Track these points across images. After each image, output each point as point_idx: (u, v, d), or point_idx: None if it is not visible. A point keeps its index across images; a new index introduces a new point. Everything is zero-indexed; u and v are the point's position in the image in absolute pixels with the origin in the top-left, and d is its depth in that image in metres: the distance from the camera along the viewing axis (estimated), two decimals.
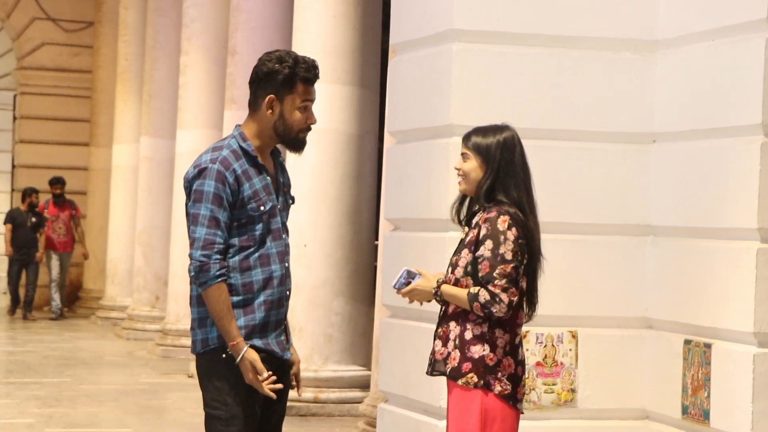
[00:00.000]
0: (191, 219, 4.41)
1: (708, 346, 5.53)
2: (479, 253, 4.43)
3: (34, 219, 18.01)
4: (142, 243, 15.10)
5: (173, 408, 10.20)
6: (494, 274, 4.39)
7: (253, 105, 4.51)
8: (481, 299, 4.40)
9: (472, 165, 4.55)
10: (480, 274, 4.42)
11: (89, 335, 15.74)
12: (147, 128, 15.05)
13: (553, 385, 5.87)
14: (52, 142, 19.46)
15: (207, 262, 4.37)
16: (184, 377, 11.80)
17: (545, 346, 5.86)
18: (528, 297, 4.55)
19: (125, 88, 16.69)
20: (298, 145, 4.53)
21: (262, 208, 4.45)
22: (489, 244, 4.42)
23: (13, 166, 20.72)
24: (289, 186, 4.64)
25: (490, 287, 4.39)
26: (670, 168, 5.87)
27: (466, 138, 4.60)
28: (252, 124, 4.52)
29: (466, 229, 4.61)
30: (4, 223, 18.26)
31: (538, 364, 5.85)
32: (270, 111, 4.47)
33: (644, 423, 5.94)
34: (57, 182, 17.98)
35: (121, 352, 13.98)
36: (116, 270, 16.97)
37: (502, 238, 4.40)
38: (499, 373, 4.45)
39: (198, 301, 4.49)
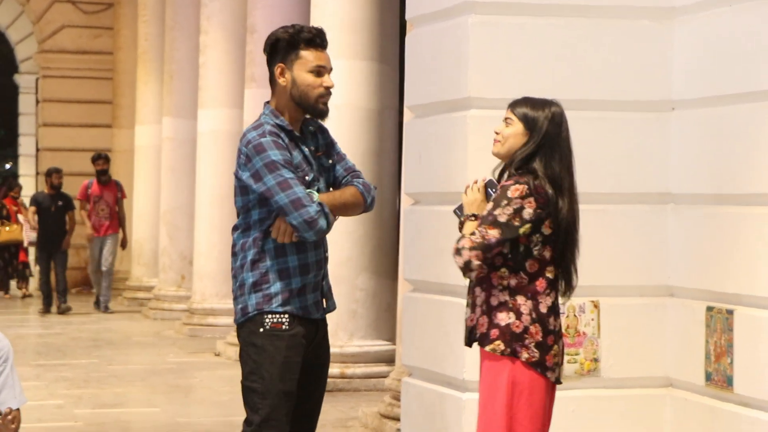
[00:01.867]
0: (278, 187, 4.41)
1: (730, 312, 5.52)
2: (484, 213, 4.48)
3: (60, 202, 16.13)
4: (167, 223, 15.17)
5: (200, 387, 10.26)
6: (477, 230, 4.42)
7: (271, 80, 4.58)
8: (456, 245, 4.46)
9: (515, 130, 4.54)
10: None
11: (116, 316, 15.84)
12: (169, 108, 15.10)
13: (576, 355, 5.88)
14: (75, 124, 19.54)
15: (321, 213, 4.41)
16: (211, 356, 11.86)
17: (567, 317, 5.86)
18: (563, 274, 4.55)
19: (146, 69, 16.74)
20: (318, 111, 4.57)
21: (306, 178, 4.51)
22: (490, 205, 4.46)
23: (37, 150, 20.83)
24: (323, 147, 4.65)
25: (463, 240, 4.42)
26: (689, 135, 5.85)
27: (513, 105, 4.60)
28: (275, 100, 4.58)
29: None
30: (30, 206, 16.83)
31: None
32: (283, 79, 4.52)
33: (668, 390, 5.95)
34: (99, 158, 16.11)
35: (148, 333, 14.07)
36: (142, 250, 17.07)
37: (504, 201, 4.42)
38: (527, 341, 4.45)
39: (236, 272, 4.54)
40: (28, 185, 21.86)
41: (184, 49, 14.70)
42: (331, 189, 4.62)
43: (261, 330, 4.48)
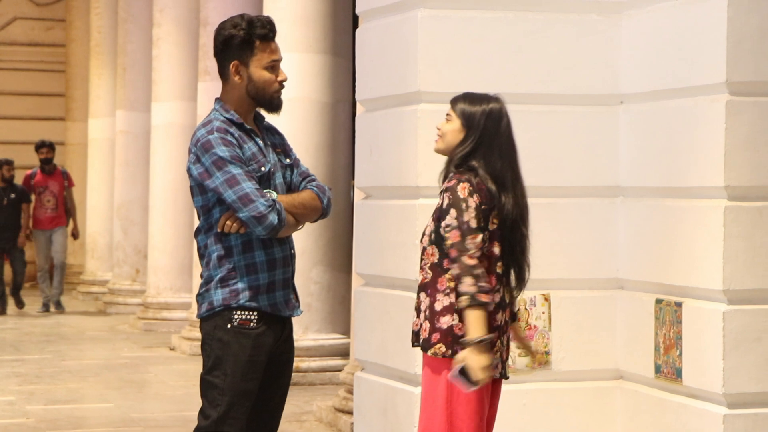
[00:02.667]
0: (226, 184, 4.39)
1: (679, 304, 5.56)
2: (446, 222, 4.42)
3: (12, 195, 15.13)
4: (121, 217, 15.09)
5: (155, 381, 10.22)
6: (466, 244, 4.38)
7: (223, 75, 4.56)
8: (467, 289, 4.34)
9: (452, 127, 4.53)
10: (449, 242, 4.40)
11: (70, 310, 15.73)
12: (122, 101, 15.02)
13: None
14: (27, 117, 19.40)
15: (271, 208, 4.38)
16: (166, 350, 11.82)
17: (518, 310, 5.87)
18: (514, 269, 4.55)
19: (99, 61, 16.64)
20: (274, 106, 4.58)
21: (263, 168, 4.50)
22: (453, 212, 4.41)
23: None
24: (281, 146, 4.66)
25: (462, 265, 4.35)
26: (637, 129, 5.89)
27: (454, 101, 4.59)
28: (227, 94, 4.56)
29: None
30: None
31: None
32: (238, 77, 4.50)
33: (618, 383, 5.98)
34: (43, 145, 15.24)
35: (102, 327, 14.00)
36: (96, 244, 16.97)
37: (464, 205, 4.40)
38: None
39: (203, 271, 4.52)
40: None
41: (138, 42, 14.62)
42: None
43: (228, 326, 4.46)
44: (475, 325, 4.36)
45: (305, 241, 9.63)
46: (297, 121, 9.63)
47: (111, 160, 15.88)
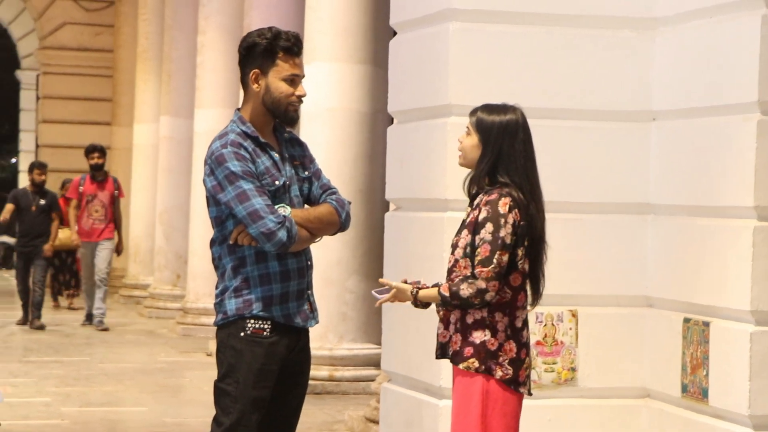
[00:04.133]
0: (236, 200, 4.40)
1: (707, 324, 5.52)
2: (480, 236, 4.39)
3: (42, 201, 14.12)
4: (163, 222, 15.19)
5: (190, 387, 10.27)
6: (493, 259, 4.36)
7: (243, 83, 4.57)
8: (464, 294, 4.37)
9: (471, 142, 4.51)
10: (478, 258, 4.38)
11: (112, 313, 15.82)
12: (166, 107, 15.13)
13: (554, 364, 5.88)
14: (74, 121, 19.57)
15: (281, 225, 4.38)
16: (203, 356, 11.87)
17: (545, 325, 5.87)
18: (532, 283, 4.54)
19: (145, 67, 16.77)
20: (288, 119, 4.56)
21: (276, 182, 4.49)
22: (489, 227, 4.38)
23: (37, 146, 20.86)
24: (300, 158, 4.65)
25: (470, 281, 4.36)
26: (669, 146, 5.85)
27: (472, 113, 4.57)
28: (247, 105, 4.58)
29: (469, 209, 4.59)
30: (8, 203, 14.36)
31: (538, 343, 5.85)
32: (256, 85, 4.51)
33: (644, 401, 5.95)
34: (94, 150, 13.88)
35: (142, 331, 14.09)
36: (138, 248, 17.09)
37: (502, 221, 4.37)
38: (501, 358, 4.43)
39: (218, 281, 4.54)
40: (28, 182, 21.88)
41: (183, 49, 14.72)
42: (306, 206, 4.61)
43: (241, 334, 4.48)
44: (429, 297, 4.46)
45: (342, 251, 9.65)
46: (336, 131, 9.65)
47: (154, 165, 15.98)
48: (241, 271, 4.49)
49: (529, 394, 4.58)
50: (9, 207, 14.16)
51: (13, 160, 31.43)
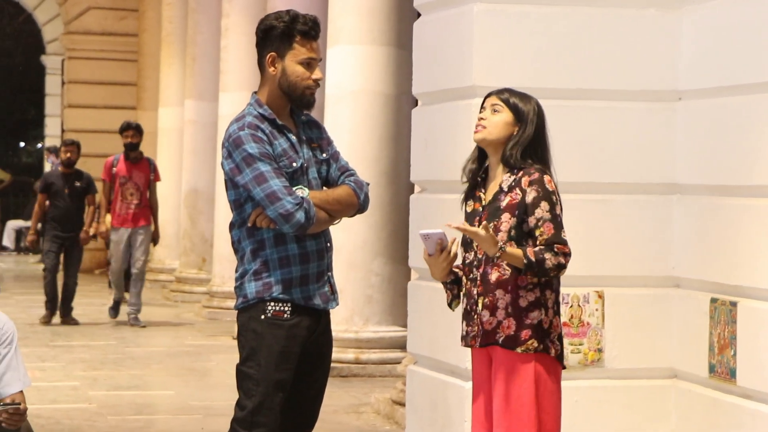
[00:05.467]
0: (254, 181, 4.40)
1: (734, 304, 5.49)
2: (537, 215, 4.36)
3: (76, 183, 12.84)
4: (188, 206, 15.22)
5: (216, 370, 10.31)
6: (561, 236, 4.36)
7: (261, 66, 4.58)
8: (548, 264, 4.33)
9: (504, 118, 4.48)
10: (544, 236, 4.34)
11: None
12: (191, 91, 15.15)
13: (580, 345, 5.87)
14: (99, 106, 19.61)
15: (299, 206, 4.38)
16: (229, 339, 11.89)
17: (571, 307, 5.85)
18: None
19: (169, 51, 16.79)
20: (305, 102, 4.55)
21: (294, 164, 4.50)
22: (545, 205, 4.36)
23: (63, 131, 20.94)
24: (318, 140, 4.63)
25: (556, 251, 4.33)
26: (696, 126, 5.82)
27: (501, 93, 4.53)
28: (264, 88, 4.57)
29: (482, 197, 4.54)
30: (40, 192, 13.09)
31: (564, 324, 5.83)
32: (273, 68, 4.51)
33: (672, 382, 5.93)
34: (129, 127, 12.64)
35: (168, 315, 14.13)
36: (164, 232, 17.00)
37: (554, 198, 4.38)
38: (552, 334, 4.44)
39: (238, 264, 4.55)
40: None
41: (207, 32, 14.72)
42: (324, 188, 4.61)
43: (262, 317, 4.49)
44: (513, 255, 4.33)
45: (366, 233, 9.65)
46: (360, 114, 9.64)
47: (180, 149, 16.01)
48: (261, 254, 4.49)
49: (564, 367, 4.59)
50: (40, 198, 12.93)
51: (39, 146, 31.60)
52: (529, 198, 4.38)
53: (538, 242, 4.37)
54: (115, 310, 13.08)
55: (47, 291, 12.84)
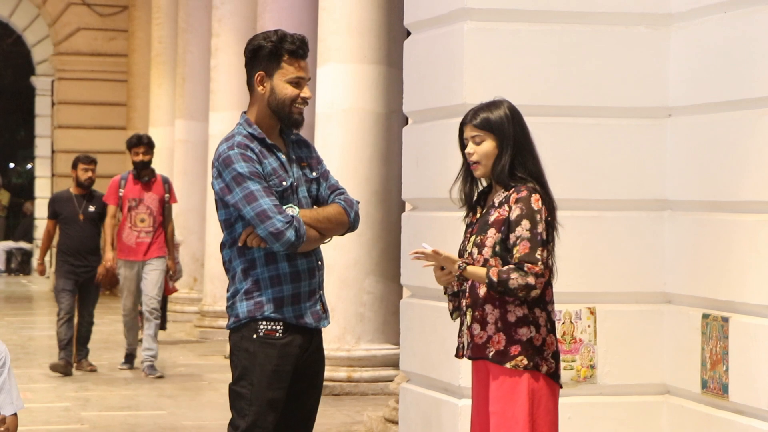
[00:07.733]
0: (244, 200, 4.41)
1: (725, 320, 5.51)
2: (516, 233, 4.37)
3: (91, 208, 10.82)
4: (179, 225, 15.17)
5: (209, 389, 10.30)
6: (536, 255, 4.35)
7: (249, 86, 4.59)
8: (512, 284, 4.33)
9: (488, 147, 4.49)
10: (518, 255, 4.35)
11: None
12: (181, 111, 15.17)
13: (573, 361, 5.88)
14: (89, 126, 19.63)
15: (289, 225, 4.39)
16: (221, 359, 11.89)
17: (564, 323, 5.86)
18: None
19: (159, 71, 16.81)
20: (292, 122, 4.57)
21: (284, 183, 4.51)
22: (526, 224, 4.37)
23: (53, 151, 20.93)
24: (307, 159, 4.65)
25: (526, 270, 4.33)
26: (685, 142, 5.84)
27: (473, 119, 4.52)
28: (253, 107, 4.59)
29: (478, 210, 4.57)
30: (49, 218, 11.07)
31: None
32: (262, 88, 4.52)
33: (664, 398, 5.94)
34: (140, 143, 10.61)
35: (160, 334, 14.04)
36: None
37: (538, 217, 4.37)
38: (545, 352, 4.44)
39: (230, 284, 4.55)
40: (44, 187, 21.96)
41: (197, 52, 14.77)
42: (314, 207, 4.62)
43: (254, 336, 4.49)
44: (475, 274, 4.38)
45: (358, 251, 9.65)
46: (351, 132, 9.66)
47: (170, 168, 16.00)
48: (252, 273, 4.50)
49: (561, 386, 4.59)
50: (48, 225, 11.05)
51: (29, 166, 31.55)
52: (513, 215, 4.40)
53: (513, 260, 4.38)
54: (129, 363, 11.15)
55: (61, 337, 10.81)
